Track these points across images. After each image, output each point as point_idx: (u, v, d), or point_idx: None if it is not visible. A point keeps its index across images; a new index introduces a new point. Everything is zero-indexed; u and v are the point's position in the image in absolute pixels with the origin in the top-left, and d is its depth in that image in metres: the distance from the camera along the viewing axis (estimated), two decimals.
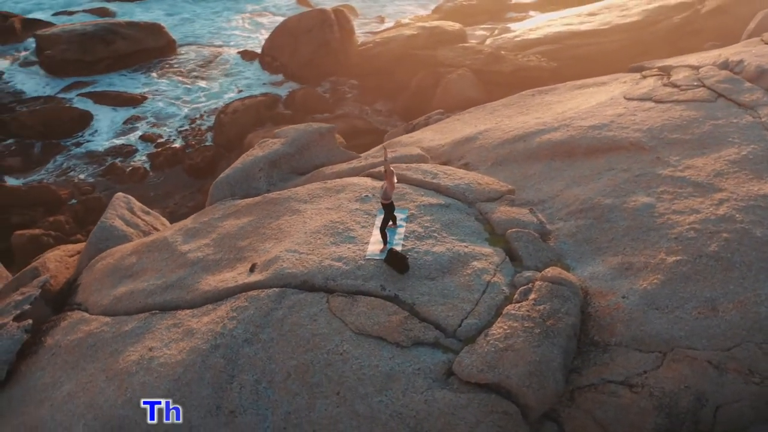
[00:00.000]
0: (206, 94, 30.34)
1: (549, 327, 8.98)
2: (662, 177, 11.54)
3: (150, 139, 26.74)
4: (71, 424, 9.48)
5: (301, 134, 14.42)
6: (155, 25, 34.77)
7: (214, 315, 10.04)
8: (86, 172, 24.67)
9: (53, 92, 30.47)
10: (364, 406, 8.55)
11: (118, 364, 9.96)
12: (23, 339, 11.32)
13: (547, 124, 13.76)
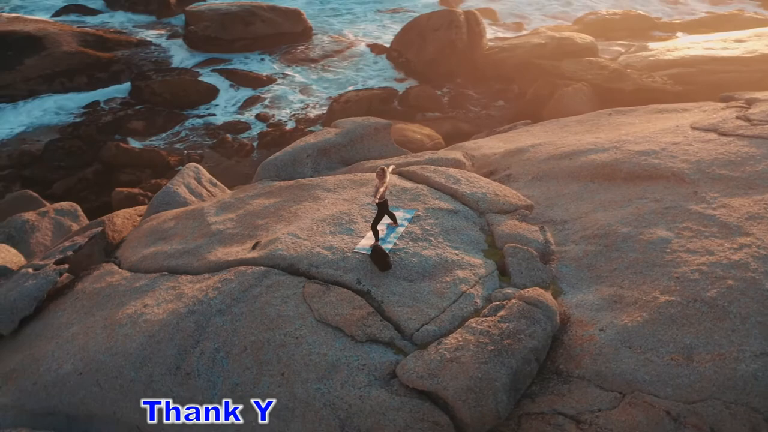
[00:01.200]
0: (329, 82, 31.51)
1: (505, 346, 8.84)
2: (691, 212, 10.89)
3: (264, 118, 28.24)
4: (63, 362, 10.43)
5: (356, 126, 14.84)
6: (295, 11, 36.46)
7: (205, 283, 10.69)
8: (199, 143, 26.48)
9: (189, 65, 32.89)
10: (302, 390, 8.84)
11: (116, 315, 10.84)
12: (55, 281, 12.54)
13: (598, 145, 13.30)
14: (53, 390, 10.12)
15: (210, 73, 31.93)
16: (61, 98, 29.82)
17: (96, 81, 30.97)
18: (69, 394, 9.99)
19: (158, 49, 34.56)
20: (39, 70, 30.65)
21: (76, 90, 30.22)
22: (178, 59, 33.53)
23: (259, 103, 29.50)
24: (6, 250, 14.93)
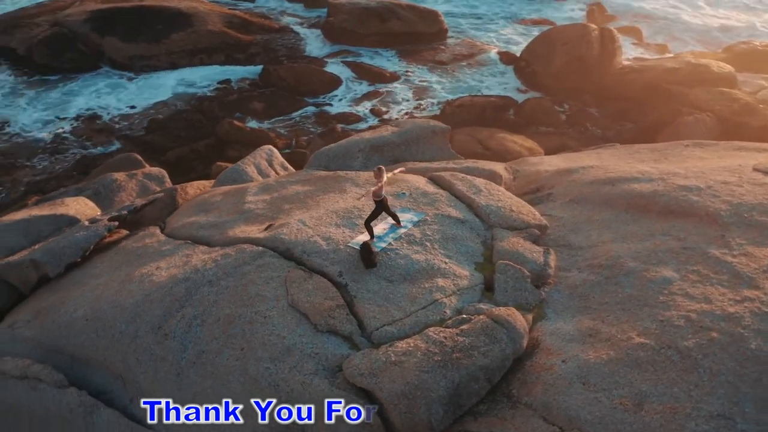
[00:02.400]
0: (450, 85, 31.74)
1: (453, 359, 8.84)
2: (707, 256, 10.26)
3: (377, 113, 28.97)
4: (79, 307, 11.52)
5: (413, 128, 15.07)
6: (432, 12, 36.92)
7: (210, 255, 11.41)
8: (309, 130, 27.64)
9: (319, 54, 34.27)
10: (254, 367, 9.30)
11: (134, 273, 11.82)
12: (102, 235, 13.76)
13: (646, 174, 12.74)
14: (64, 331, 11.19)
15: (337, 63, 33.14)
16: (197, 73, 32.06)
17: (232, 61, 33.03)
18: (74, 337, 11.02)
19: (296, 36, 36.24)
20: (182, 45, 33.13)
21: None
22: (311, 48, 35.03)
23: (377, 98, 30.27)
24: (84, 203, 16.46)
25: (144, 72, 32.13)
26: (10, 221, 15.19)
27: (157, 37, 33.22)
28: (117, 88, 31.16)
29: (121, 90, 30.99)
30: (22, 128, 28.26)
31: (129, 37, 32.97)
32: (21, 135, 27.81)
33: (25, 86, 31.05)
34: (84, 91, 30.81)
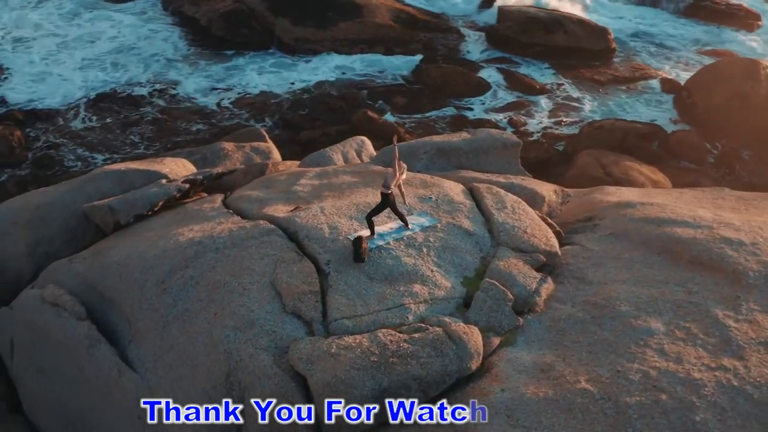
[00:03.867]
0: (599, 106, 30.61)
1: (388, 363, 8.96)
2: (708, 315, 9.52)
3: (514, 124, 28.66)
4: (120, 253, 12.75)
5: (485, 138, 14.97)
6: (602, 30, 35.56)
7: (231, 225, 12.18)
8: (441, 130, 27.93)
9: (476, 59, 34.31)
10: (218, 332, 9.97)
11: (173, 230, 12.88)
12: (171, 194, 14.95)
13: (697, 220, 11.87)
14: (101, 272, 12.48)
15: (491, 69, 33.02)
16: (353, 61, 33.35)
17: (390, 54, 33.92)
18: (105, 278, 12.26)
19: (459, 38, 36.48)
20: (347, 34, 34.57)
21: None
22: (471, 51, 35.13)
23: (519, 109, 29.89)
24: (182, 164, 17.90)
25: (306, 55, 33.90)
26: (110, 170, 16.92)
27: (325, 24, 34.91)
28: (279, 67, 33.17)
29: (282, 69, 32.94)
30: (187, 93, 30.92)
31: (299, 21, 34.95)
32: (185, 99, 30.47)
33: (198, 56, 33.92)
34: (249, 67, 33.12)
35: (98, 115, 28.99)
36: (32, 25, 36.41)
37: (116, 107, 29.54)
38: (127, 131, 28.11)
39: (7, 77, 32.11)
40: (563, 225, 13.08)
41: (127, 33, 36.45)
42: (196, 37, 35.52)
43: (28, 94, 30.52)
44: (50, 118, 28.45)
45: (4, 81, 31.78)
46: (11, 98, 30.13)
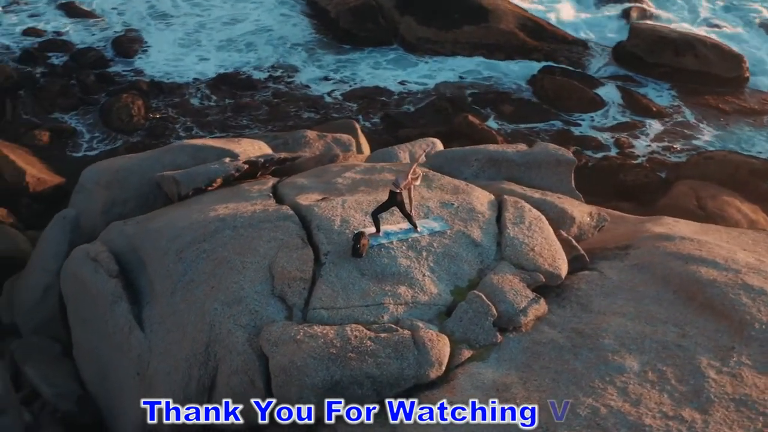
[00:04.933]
0: (717, 136, 28.74)
1: (345, 357, 9.18)
2: (691, 362, 9.04)
3: (620, 145, 27.51)
4: (162, 221, 13.60)
5: (539, 152, 14.66)
6: (736, 56, 33.19)
7: (258, 207, 12.67)
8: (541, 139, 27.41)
9: (597, 74, 33.20)
10: (209, 304, 10.58)
11: (212, 206, 13.55)
12: (228, 173, 15.68)
13: (727, 262, 11.13)
14: (142, 235, 13.45)
15: (610, 86, 31.82)
16: (470, 65, 33.27)
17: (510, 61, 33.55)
18: (144, 241, 13.21)
19: (585, 52, 35.35)
20: (469, 38, 34.45)
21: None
22: (593, 66, 34.02)
23: (629, 130, 28.61)
24: (258, 146, 18.69)
25: (426, 55, 34.14)
26: (187, 144, 17.99)
27: (449, 25, 34.98)
28: (396, 64, 33.59)
29: (399, 67, 33.34)
30: (303, 81, 32.01)
31: (424, 20, 35.23)
32: (300, 87, 31.57)
33: (320, 46, 35.00)
34: (366, 61, 33.79)
35: (217, 94, 30.56)
36: (176, 3, 38.78)
37: (235, 88, 31.01)
38: (240, 113, 29.45)
39: (147, 50, 34.41)
40: (598, 250, 12.67)
41: (264, 17, 38.10)
42: (323, 27, 36.63)
43: (163, 69, 32.62)
44: (172, 93, 30.32)
45: (143, 54, 34.08)
46: (147, 71, 32.33)
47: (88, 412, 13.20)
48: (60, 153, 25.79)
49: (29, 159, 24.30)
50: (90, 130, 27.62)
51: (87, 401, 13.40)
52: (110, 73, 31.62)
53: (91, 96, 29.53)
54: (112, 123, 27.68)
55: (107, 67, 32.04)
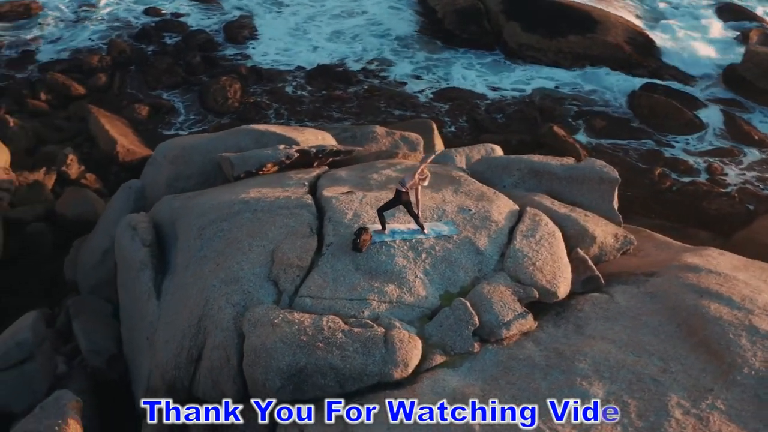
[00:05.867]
0: None
1: (313, 346, 9.44)
2: (660, 399, 8.73)
3: (713, 171, 26.12)
4: (201, 199, 14.19)
5: (583, 167, 14.26)
6: None
7: (284, 194, 13.05)
8: (629, 161, 26.45)
9: (701, 96, 31.62)
10: (209, 280, 11.14)
11: (245, 189, 14.02)
12: (279, 159, 16.01)
13: (745, 300, 10.50)
14: (180, 210, 14.17)
15: (713, 110, 30.24)
16: (570, 75, 32.50)
17: (612, 75, 32.55)
18: (181, 216, 13.91)
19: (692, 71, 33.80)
20: (573, 48, 33.62)
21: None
22: (699, 86, 32.39)
23: (727, 157, 27.09)
24: (322, 137, 19.14)
25: (526, 62, 33.69)
26: (252, 128, 18.62)
27: (553, 33, 34.32)
28: (494, 68, 33.31)
29: (496, 72, 33.04)
30: (398, 77, 32.34)
31: (529, 27, 34.72)
32: (394, 83, 31.85)
33: (421, 44, 35.15)
34: (464, 63, 33.68)
35: (312, 84, 31.35)
36: None
37: (330, 80, 31.70)
38: (331, 104, 30.11)
39: (256, 37, 35.69)
40: (624, 274, 12.27)
41: (375, 10, 38.71)
42: (428, 26, 36.79)
43: (267, 56, 33.78)
44: (270, 80, 31.36)
45: (252, 40, 35.38)
46: (251, 57, 33.58)
47: (115, 371, 13.93)
48: (154, 128, 27.28)
49: (124, 130, 25.79)
50: (187, 109, 29.01)
51: (118, 361, 14.18)
52: (216, 56, 33.03)
53: (194, 76, 30.88)
54: (207, 103, 28.92)
55: (215, 51, 33.45)
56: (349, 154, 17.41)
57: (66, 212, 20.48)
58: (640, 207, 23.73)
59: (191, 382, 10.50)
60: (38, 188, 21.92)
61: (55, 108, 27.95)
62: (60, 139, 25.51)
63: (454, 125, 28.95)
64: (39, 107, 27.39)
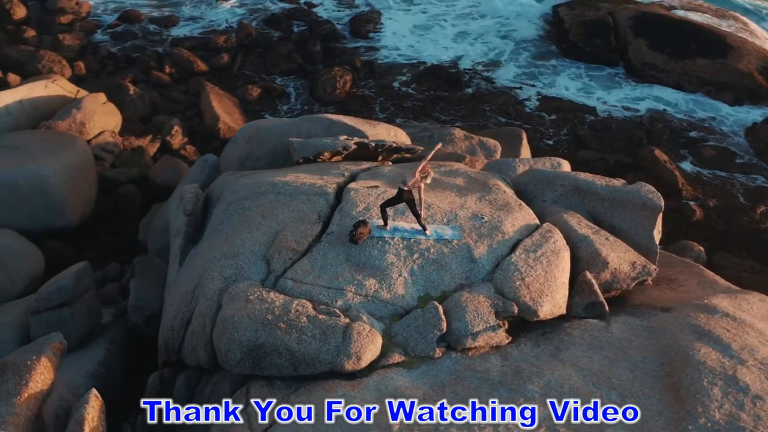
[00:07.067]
0: None
1: (274, 326, 9.78)
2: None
3: None
4: (251, 178, 14.80)
5: (629, 191, 13.59)
6: None
7: (312, 180, 13.40)
8: (734, 194, 24.86)
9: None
10: (215, 253, 11.76)
11: (286, 173, 14.50)
12: (335, 149, 16.43)
13: (744, 348, 9.74)
14: (230, 186, 14.77)
15: None
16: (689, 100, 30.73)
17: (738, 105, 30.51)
18: (225, 190, 14.52)
19: None
20: (700, 71, 31.67)
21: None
22: None
23: None
24: (394, 133, 19.37)
25: (645, 81, 32.27)
26: (324, 117, 19.12)
27: (681, 55, 32.60)
28: (608, 84, 32.15)
29: (610, 88, 31.84)
30: (506, 83, 31.98)
31: (656, 45, 33.20)
32: (501, 89, 31.58)
33: (541, 52, 34.56)
34: (578, 76, 32.76)
35: (422, 83, 31.60)
36: None
37: (440, 80, 31.83)
38: (436, 104, 30.25)
39: (381, 31, 36.37)
40: (644, 306, 11.77)
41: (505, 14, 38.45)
42: (553, 35, 36.08)
43: (386, 51, 34.39)
44: (382, 75, 31.91)
45: (376, 34, 36.08)
46: (370, 51, 34.28)
47: (151, 328, 14.82)
48: (261, 109, 28.56)
49: (231, 109, 27.14)
50: (297, 95, 30.10)
51: (156, 320, 15.05)
52: (336, 47, 34.04)
53: (310, 65, 31.87)
54: (316, 92, 29.87)
55: (336, 42, 34.47)
56: (410, 152, 17.52)
57: (156, 178, 21.90)
58: (731, 244, 22.35)
59: (180, 345, 11.06)
60: (140, 153, 23.52)
61: (176, 82, 29.83)
62: (172, 111, 27.22)
63: (554, 138, 28.30)
64: (162, 79, 29.31)
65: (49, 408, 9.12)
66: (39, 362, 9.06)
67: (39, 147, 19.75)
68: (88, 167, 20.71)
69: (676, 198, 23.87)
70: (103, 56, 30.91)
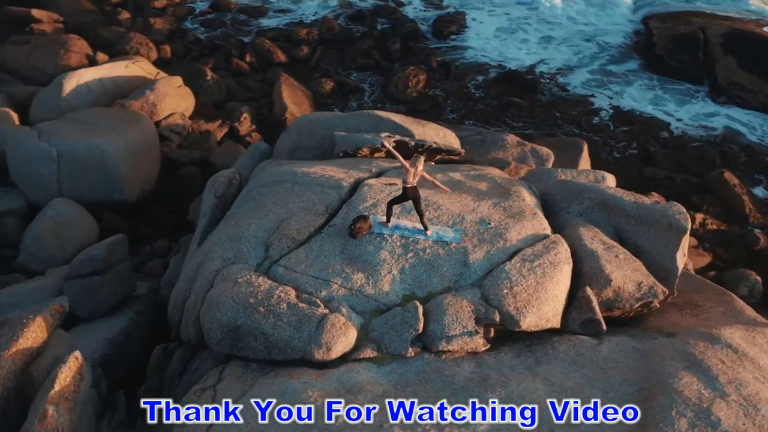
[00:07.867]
0: None
1: (255, 309, 10.07)
2: None
3: None
4: (281, 168, 15.19)
5: (656, 209, 13.08)
6: None
7: (334, 174, 13.63)
8: None
9: None
10: (223, 235, 12.23)
11: (317, 164, 14.80)
12: (374, 144, 16.61)
13: (731, 382, 9.27)
14: (263, 173, 15.17)
15: None
16: None
17: None
18: (256, 175, 14.90)
19: None
20: None
21: None
22: None
23: None
24: (443, 134, 19.33)
25: (729, 102, 30.82)
26: (374, 113, 19.27)
27: (753, 69, 31.14)
28: (688, 101, 30.81)
29: (689, 104, 30.53)
30: (582, 92, 31.15)
31: (746, 65, 31.58)
32: (574, 96, 30.80)
33: (624, 65, 33.53)
34: (659, 90, 31.54)
35: (495, 87, 31.21)
36: None
37: (513, 86, 31.31)
38: (507, 110, 29.86)
39: (464, 33, 36.20)
40: (649, 328, 11.44)
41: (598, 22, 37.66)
42: (640, 48, 34.94)
43: (466, 53, 34.19)
44: (456, 77, 31.78)
45: (457, 35, 35.96)
46: (448, 52, 34.17)
47: None
48: (332, 103, 28.99)
49: (301, 100, 27.71)
50: (370, 92, 30.35)
51: None
52: (416, 46, 34.08)
53: (387, 63, 32.05)
54: (388, 89, 30.09)
55: (417, 41, 34.47)
56: (450, 153, 17.48)
57: (216, 161, 22.65)
58: None
59: (180, 321, 11.49)
60: (207, 137, 24.36)
61: (254, 70, 30.66)
62: (246, 99, 28.00)
63: (623, 152, 27.46)
64: (241, 67, 30.19)
65: (41, 365, 9.66)
66: (34, 321, 9.63)
67: (106, 124, 20.78)
68: (152, 146, 21.62)
69: (742, 224, 22.76)
70: (189, 41, 32.09)
